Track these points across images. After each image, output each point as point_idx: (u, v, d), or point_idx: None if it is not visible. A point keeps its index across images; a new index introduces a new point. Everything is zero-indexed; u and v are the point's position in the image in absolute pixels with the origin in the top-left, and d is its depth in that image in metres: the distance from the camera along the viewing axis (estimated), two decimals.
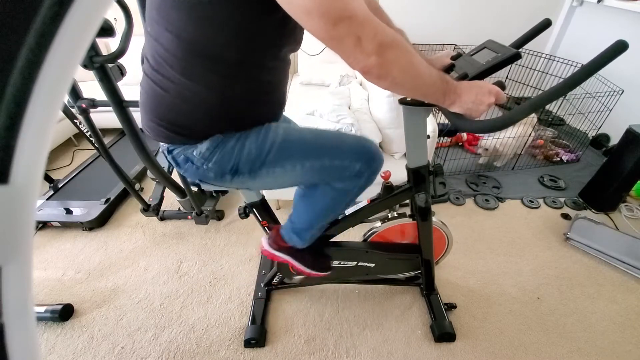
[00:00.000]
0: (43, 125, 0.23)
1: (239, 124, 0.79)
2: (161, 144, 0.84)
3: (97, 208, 1.88)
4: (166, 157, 0.86)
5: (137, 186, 1.83)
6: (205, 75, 0.69)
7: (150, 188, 1.97)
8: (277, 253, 1.10)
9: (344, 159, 0.83)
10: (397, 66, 0.58)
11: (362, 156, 0.84)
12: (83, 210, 1.87)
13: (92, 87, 1.45)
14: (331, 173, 0.85)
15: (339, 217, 1.16)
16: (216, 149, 0.78)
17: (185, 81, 0.69)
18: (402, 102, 0.88)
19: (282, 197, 1.89)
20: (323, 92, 2.18)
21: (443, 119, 2.19)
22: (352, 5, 0.51)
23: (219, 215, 1.91)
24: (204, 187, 0.99)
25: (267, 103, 0.82)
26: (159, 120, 0.76)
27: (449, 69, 0.85)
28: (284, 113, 0.98)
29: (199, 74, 0.69)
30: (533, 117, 2.23)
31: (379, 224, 1.27)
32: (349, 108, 1.96)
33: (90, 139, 1.49)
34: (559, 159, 2.41)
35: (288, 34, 0.71)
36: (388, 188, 1.12)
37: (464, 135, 2.52)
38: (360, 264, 1.29)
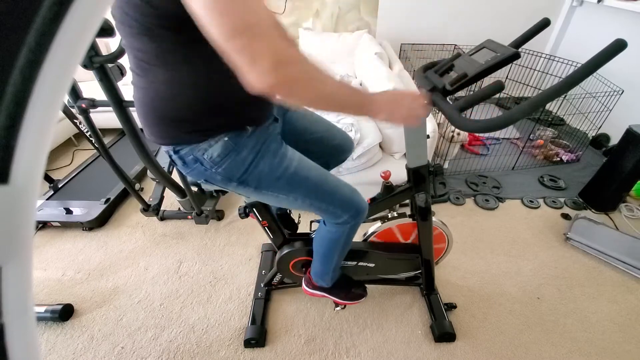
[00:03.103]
0: (43, 125, 0.23)
1: (235, 115, 0.77)
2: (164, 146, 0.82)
3: (97, 208, 1.88)
4: (171, 157, 0.84)
5: (137, 186, 1.83)
6: (186, 60, 0.67)
7: (150, 188, 1.97)
8: (315, 291, 1.26)
9: (337, 206, 0.93)
10: (298, 84, 0.57)
11: (351, 208, 0.95)
12: (83, 210, 1.87)
13: (92, 87, 1.45)
14: (322, 213, 0.95)
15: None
16: (227, 156, 0.78)
17: (170, 72, 0.68)
18: None
19: None
20: None
21: (443, 119, 2.19)
22: (253, 14, 0.48)
23: (219, 215, 1.92)
24: (205, 187, 0.99)
25: (253, 103, 0.79)
26: (160, 120, 0.76)
27: (448, 69, 0.85)
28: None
29: (180, 61, 0.67)
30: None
31: (379, 224, 1.28)
32: None
33: (90, 139, 1.49)
34: (559, 159, 2.41)
35: None
36: (388, 188, 1.12)
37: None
38: (360, 264, 1.29)
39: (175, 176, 1.62)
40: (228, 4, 0.46)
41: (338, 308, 1.35)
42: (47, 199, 1.98)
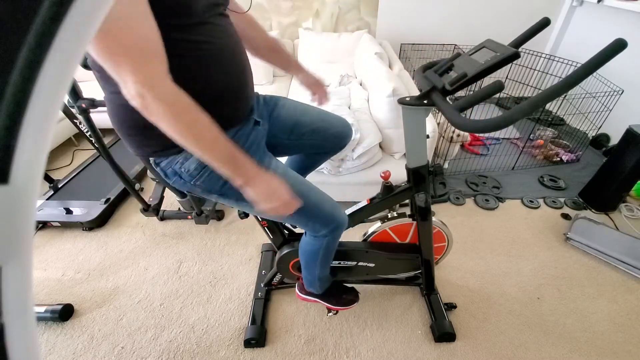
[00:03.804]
0: (43, 125, 0.23)
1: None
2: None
3: (97, 208, 1.88)
4: (155, 170, 0.83)
5: (137, 186, 1.83)
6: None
7: (150, 188, 1.97)
8: (307, 297, 1.28)
9: (316, 221, 0.93)
10: (163, 120, 0.58)
11: (330, 224, 0.95)
12: (83, 210, 1.87)
13: (92, 87, 1.45)
14: (307, 227, 0.97)
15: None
16: (204, 170, 0.77)
17: (118, 97, 0.65)
18: (401, 102, 0.88)
19: None
20: None
21: (443, 119, 2.19)
22: (129, 39, 0.50)
23: (219, 215, 1.92)
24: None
25: (217, 99, 0.73)
26: (131, 130, 0.73)
27: (448, 69, 0.85)
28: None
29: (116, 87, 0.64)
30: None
31: (379, 224, 1.28)
32: (349, 108, 1.96)
33: (90, 139, 1.50)
34: (559, 159, 2.41)
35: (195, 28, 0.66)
36: (388, 188, 1.12)
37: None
38: (360, 264, 1.29)
39: None
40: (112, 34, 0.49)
41: (330, 314, 1.36)
42: (47, 199, 1.98)
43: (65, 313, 1.40)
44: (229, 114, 0.78)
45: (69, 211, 1.87)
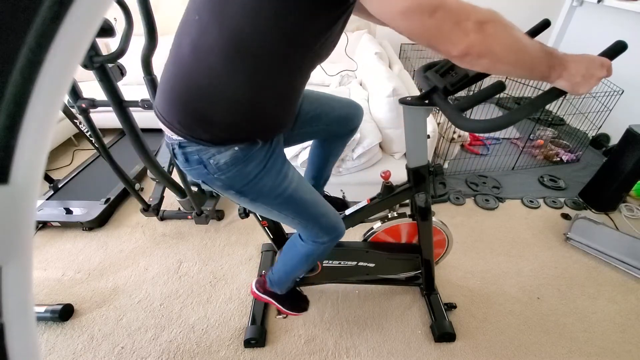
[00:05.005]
0: (43, 125, 0.23)
1: (257, 128, 0.77)
2: (171, 136, 0.78)
3: (97, 208, 1.88)
4: (173, 150, 0.80)
5: (137, 186, 1.83)
6: (245, 71, 0.67)
7: (150, 188, 1.97)
8: (262, 295, 1.25)
9: (321, 229, 0.98)
10: (498, 40, 0.56)
11: (332, 232, 1.00)
12: (83, 210, 1.87)
13: (92, 87, 1.45)
14: (307, 232, 0.99)
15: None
16: (234, 166, 0.77)
17: (224, 75, 0.67)
18: (402, 101, 0.88)
19: None
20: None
21: (443, 119, 2.19)
22: None
23: (219, 215, 1.91)
24: (204, 187, 0.99)
25: (287, 111, 0.83)
26: (190, 108, 0.72)
27: (449, 69, 0.85)
28: None
29: (240, 70, 0.67)
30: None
31: (379, 224, 1.27)
32: None
33: (90, 139, 1.49)
34: (559, 159, 2.41)
35: (327, 44, 0.70)
36: (388, 188, 1.12)
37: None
38: (360, 264, 1.29)
39: (175, 176, 1.62)
40: None
41: (280, 316, 1.40)
42: (47, 199, 1.98)
43: (65, 313, 1.40)
44: (275, 131, 0.83)
45: (69, 211, 1.87)
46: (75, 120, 1.62)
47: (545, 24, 0.82)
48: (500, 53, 0.57)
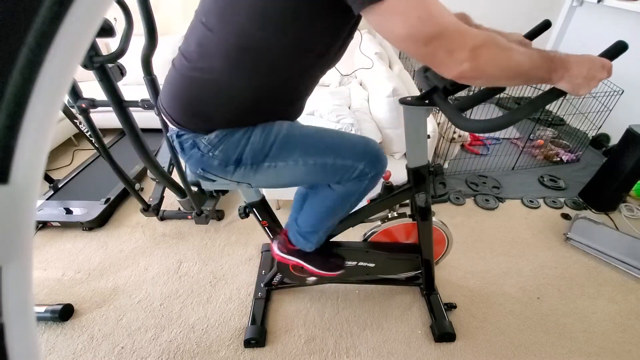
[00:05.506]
0: (43, 125, 0.23)
1: (258, 122, 0.81)
2: (171, 126, 0.82)
3: (97, 208, 1.88)
4: (171, 142, 0.85)
5: (137, 186, 1.83)
6: (250, 74, 0.70)
7: (150, 188, 1.97)
8: (288, 257, 1.12)
9: (347, 158, 0.82)
10: (492, 63, 0.57)
11: (366, 156, 0.84)
12: (83, 210, 1.87)
13: (92, 87, 1.45)
14: (334, 173, 0.84)
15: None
16: (224, 137, 0.79)
17: (229, 77, 0.70)
18: (403, 101, 0.88)
19: (282, 197, 1.89)
20: (323, 92, 2.18)
21: (443, 119, 2.19)
22: (441, 23, 0.53)
23: (219, 215, 1.91)
24: (205, 185, 0.99)
25: (291, 111, 0.85)
26: (189, 105, 0.76)
27: None
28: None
29: (247, 68, 0.69)
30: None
31: (379, 224, 1.27)
32: (349, 108, 1.96)
33: (90, 139, 1.49)
34: (559, 159, 2.41)
35: (334, 51, 0.73)
36: (388, 188, 1.12)
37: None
38: (360, 264, 1.29)
39: (175, 176, 1.62)
40: (421, 20, 0.52)
41: (311, 279, 1.30)
42: (47, 199, 1.98)
43: (65, 313, 1.40)
44: (292, 118, 0.87)
45: (69, 211, 1.87)
46: (75, 120, 1.62)
47: (545, 25, 0.83)
48: (494, 73, 0.59)
